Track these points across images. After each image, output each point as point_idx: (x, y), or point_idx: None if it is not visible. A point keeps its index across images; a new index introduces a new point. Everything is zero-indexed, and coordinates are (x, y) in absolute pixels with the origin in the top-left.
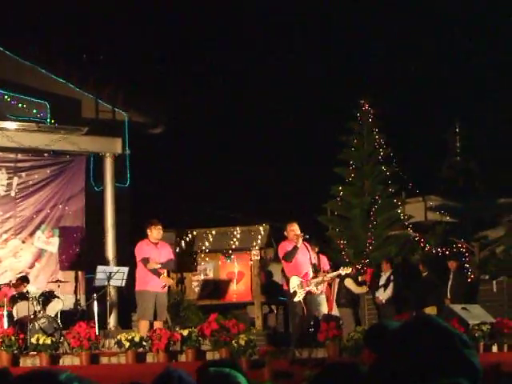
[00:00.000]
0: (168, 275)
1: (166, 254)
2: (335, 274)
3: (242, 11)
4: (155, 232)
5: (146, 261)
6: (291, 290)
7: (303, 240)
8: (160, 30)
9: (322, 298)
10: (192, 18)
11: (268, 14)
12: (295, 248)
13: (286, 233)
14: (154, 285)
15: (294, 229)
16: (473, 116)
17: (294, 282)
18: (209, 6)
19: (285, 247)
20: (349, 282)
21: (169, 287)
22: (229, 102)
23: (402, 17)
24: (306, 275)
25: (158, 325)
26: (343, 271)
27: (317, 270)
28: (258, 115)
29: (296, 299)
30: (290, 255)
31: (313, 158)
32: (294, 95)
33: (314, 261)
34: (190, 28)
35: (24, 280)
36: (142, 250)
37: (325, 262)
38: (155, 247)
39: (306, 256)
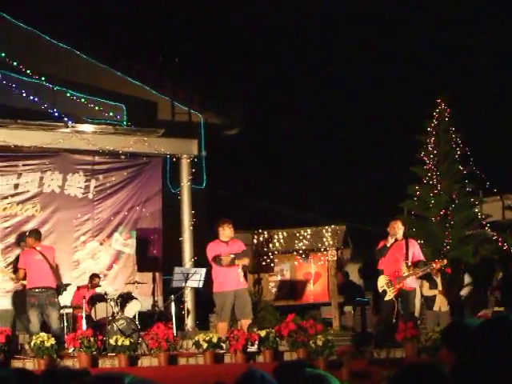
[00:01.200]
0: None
1: (237, 248)
2: (427, 268)
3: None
4: (227, 230)
5: (217, 258)
6: (380, 290)
7: (407, 237)
8: (235, 30)
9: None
10: (266, 19)
11: (350, 16)
12: (385, 247)
13: (388, 229)
14: (230, 284)
15: (394, 226)
16: None
17: (382, 282)
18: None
19: (379, 244)
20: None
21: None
22: (304, 102)
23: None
24: (396, 272)
25: (243, 323)
26: (437, 264)
27: (417, 265)
28: (334, 115)
29: (386, 298)
30: (379, 253)
31: (389, 157)
32: (370, 94)
33: (418, 258)
34: (265, 29)
35: (95, 276)
36: (212, 249)
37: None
38: (226, 245)
39: (400, 253)
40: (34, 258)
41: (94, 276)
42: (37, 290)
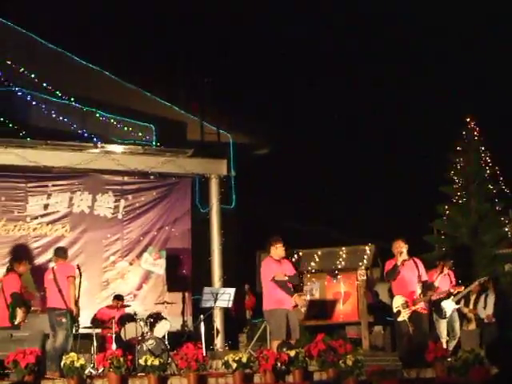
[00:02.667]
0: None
1: (289, 269)
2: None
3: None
4: (279, 250)
5: (280, 280)
6: (394, 310)
7: (414, 256)
8: (265, 51)
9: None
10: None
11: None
12: (395, 266)
13: (393, 250)
14: (284, 303)
15: (398, 246)
16: None
17: (398, 302)
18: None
19: (388, 265)
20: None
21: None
22: (333, 122)
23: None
24: (412, 293)
25: (274, 343)
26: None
27: (428, 287)
28: (364, 135)
29: (400, 319)
30: (390, 274)
31: (418, 176)
32: (400, 114)
33: (426, 277)
34: (295, 50)
35: (119, 298)
36: (269, 267)
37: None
38: (279, 264)
39: (413, 273)
40: (47, 277)
41: (117, 298)
42: (48, 310)
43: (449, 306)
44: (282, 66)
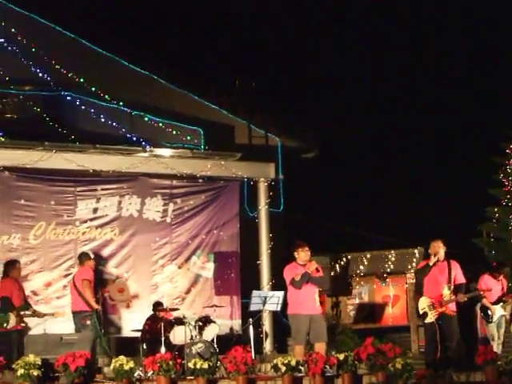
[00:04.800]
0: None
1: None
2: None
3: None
4: (302, 254)
5: (293, 280)
6: (420, 312)
7: (450, 258)
8: (312, 54)
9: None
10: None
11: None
12: (426, 266)
13: (429, 251)
14: (306, 307)
15: (435, 245)
16: None
17: (424, 303)
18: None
19: (420, 265)
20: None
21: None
22: (381, 126)
23: None
24: (440, 296)
25: (318, 347)
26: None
27: (460, 289)
28: (411, 138)
29: (427, 320)
30: (419, 272)
31: (467, 179)
32: (447, 116)
33: (461, 280)
34: (341, 53)
35: (159, 305)
36: (290, 271)
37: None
38: (303, 268)
39: (443, 275)
40: (70, 282)
41: (157, 305)
42: (72, 314)
43: (497, 311)
44: (331, 68)
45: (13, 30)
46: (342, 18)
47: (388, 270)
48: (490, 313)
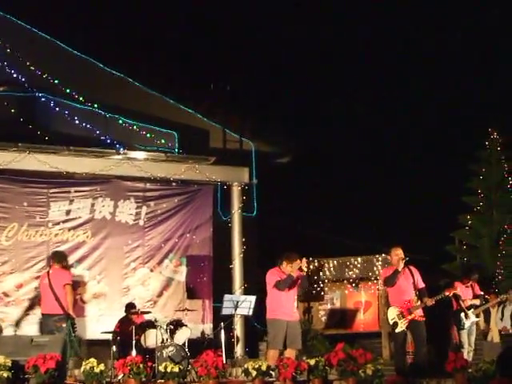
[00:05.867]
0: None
1: (294, 284)
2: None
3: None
4: (289, 268)
5: (278, 283)
6: (390, 322)
7: (407, 264)
8: (287, 58)
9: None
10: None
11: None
12: (395, 272)
13: (389, 258)
14: (285, 313)
15: (399, 253)
16: None
17: (393, 313)
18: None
19: (386, 272)
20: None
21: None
22: (355, 131)
23: None
24: (408, 302)
25: (289, 353)
26: (449, 292)
27: (424, 294)
28: (385, 144)
29: (398, 330)
30: (389, 280)
31: (440, 186)
32: (422, 124)
33: (422, 285)
34: (315, 57)
35: (131, 306)
36: (273, 275)
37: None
38: (284, 275)
39: (408, 281)
40: (42, 281)
41: (130, 306)
42: (43, 316)
43: (467, 318)
44: (306, 75)
45: None
46: (319, 21)
47: (353, 276)
48: (461, 319)
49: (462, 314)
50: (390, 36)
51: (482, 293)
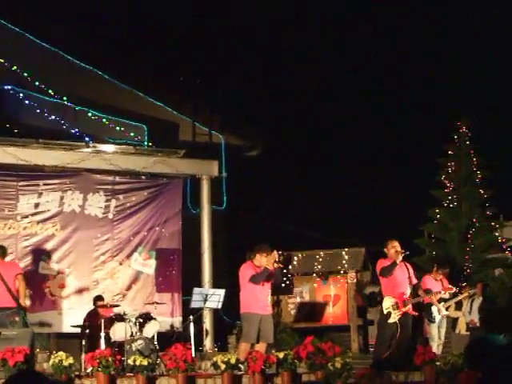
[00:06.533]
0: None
1: (266, 281)
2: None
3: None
4: (263, 260)
5: (253, 277)
6: (385, 312)
7: (403, 259)
8: (258, 52)
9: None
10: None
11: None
12: (393, 264)
13: (386, 250)
14: (259, 307)
15: (396, 245)
16: None
17: (388, 303)
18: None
19: (383, 263)
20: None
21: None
22: (325, 124)
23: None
24: (402, 294)
25: (260, 346)
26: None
27: (418, 289)
28: (355, 137)
29: (391, 320)
30: (386, 270)
31: (410, 180)
32: (391, 118)
33: (415, 281)
34: (288, 51)
35: (99, 299)
36: (248, 270)
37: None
38: (259, 270)
39: (404, 275)
40: None
41: (98, 299)
42: None
43: (439, 311)
44: (275, 68)
45: None
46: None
47: (316, 269)
48: (432, 313)
49: (434, 308)
50: (352, 30)
51: (454, 288)
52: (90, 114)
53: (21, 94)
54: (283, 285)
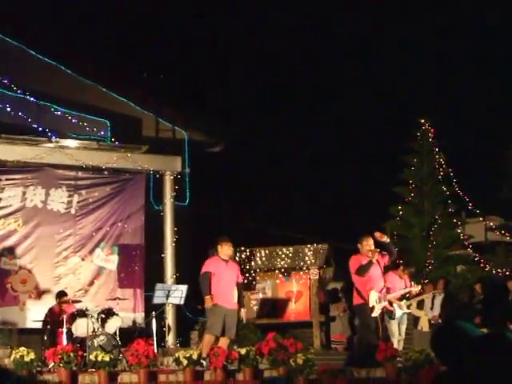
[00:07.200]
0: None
1: (234, 272)
2: (406, 290)
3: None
4: (225, 248)
5: (207, 275)
6: (370, 305)
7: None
8: (221, 47)
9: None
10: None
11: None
12: (370, 263)
13: (360, 246)
14: (225, 300)
15: (370, 243)
16: None
17: (373, 297)
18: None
19: (358, 261)
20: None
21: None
22: (289, 121)
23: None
24: (381, 290)
25: (224, 341)
26: (414, 288)
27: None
28: (319, 134)
29: (374, 314)
30: (363, 269)
31: (372, 177)
32: (355, 114)
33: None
34: (251, 46)
35: (63, 294)
36: (208, 264)
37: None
38: (225, 264)
39: (377, 271)
40: None
41: (61, 295)
42: None
43: (399, 308)
44: (238, 64)
45: None
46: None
47: (280, 265)
48: (393, 310)
49: (394, 305)
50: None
51: (418, 286)
52: (52, 110)
53: None
54: (245, 281)
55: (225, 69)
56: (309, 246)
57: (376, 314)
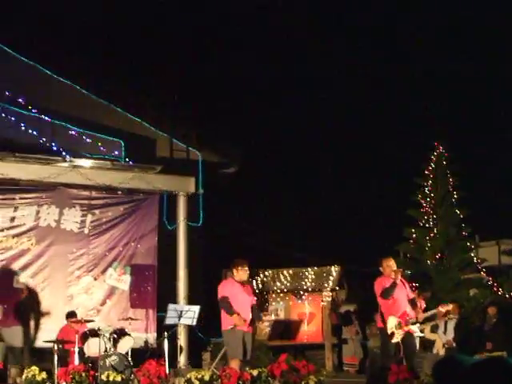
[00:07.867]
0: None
1: (249, 294)
2: (434, 311)
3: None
4: (241, 273)
5: (226, 300)
6: (389, 332)
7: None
8: (235, 70)
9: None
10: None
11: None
12: (394, 284)
13: (381, 269)
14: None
15: (391, 264)
16: None
17: (392, 323)
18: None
19: (382, 283)
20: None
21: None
22: (303, 143)
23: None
24: (405, 314)
25: (234, 363)
26: (443, 308)
27: (414, 305)
28: (332, 157)
29: (394, 340)
30: (387, 292)
31: (386, 200)
32: (368, 137)
33: (411, 296)
34: (265, 70)
35: (72, 315)
36: (224, 288)
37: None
38: (241, 286)
39: (403, 293)
40: None
41: (70, 315)
42: None
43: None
44: (252, 85)
45: None
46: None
47: (305, 287)
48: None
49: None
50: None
51: (450, 305)
52: (67, 129)
53: None
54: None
55: (241, 91)
56: (320, 268)
57: (397, 339)
